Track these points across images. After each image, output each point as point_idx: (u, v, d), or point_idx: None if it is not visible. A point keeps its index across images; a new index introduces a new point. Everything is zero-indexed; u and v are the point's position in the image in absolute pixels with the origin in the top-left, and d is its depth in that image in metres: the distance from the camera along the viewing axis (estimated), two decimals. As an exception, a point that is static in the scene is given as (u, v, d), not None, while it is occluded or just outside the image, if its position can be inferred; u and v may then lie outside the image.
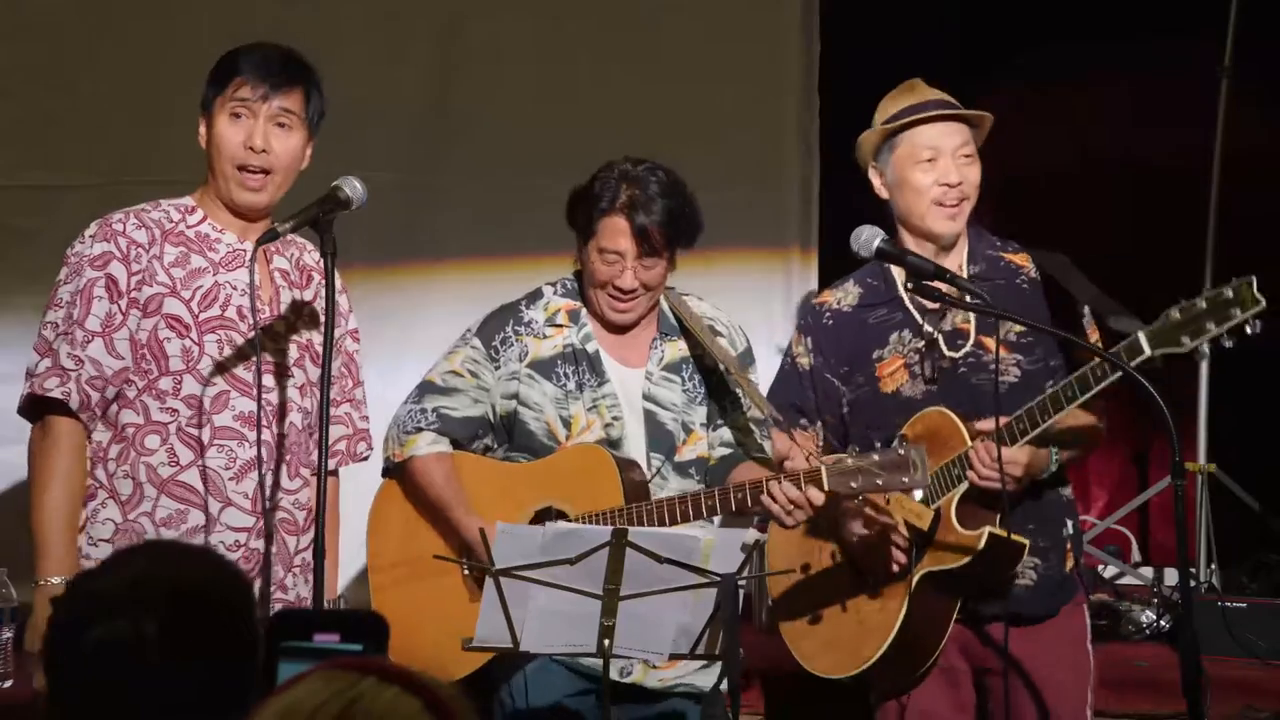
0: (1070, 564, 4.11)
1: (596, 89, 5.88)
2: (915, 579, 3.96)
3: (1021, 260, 4.14)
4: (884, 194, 4.12)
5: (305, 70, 3.78)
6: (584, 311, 4.16)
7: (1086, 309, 4.05)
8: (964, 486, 3.91)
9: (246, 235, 3.75)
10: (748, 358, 4.22)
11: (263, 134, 3.68)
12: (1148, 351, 3.72)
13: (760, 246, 6.07)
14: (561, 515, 4.01)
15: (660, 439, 4.11)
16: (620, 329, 4.15)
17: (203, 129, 3.75)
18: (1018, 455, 3.89)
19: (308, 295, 3.84)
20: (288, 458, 3.73)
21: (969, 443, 3.91)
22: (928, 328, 4.06)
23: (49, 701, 2.13)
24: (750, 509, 3.90)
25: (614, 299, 4.08)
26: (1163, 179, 6.57)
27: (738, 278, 5.86)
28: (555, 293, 4.20)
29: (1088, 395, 3.79)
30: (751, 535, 3.54)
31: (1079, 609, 4.12)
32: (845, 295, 4.18)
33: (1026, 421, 3.84)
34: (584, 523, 3.96)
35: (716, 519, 4.18)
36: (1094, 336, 4.00)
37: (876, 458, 3.75)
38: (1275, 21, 6.17)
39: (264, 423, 3.67)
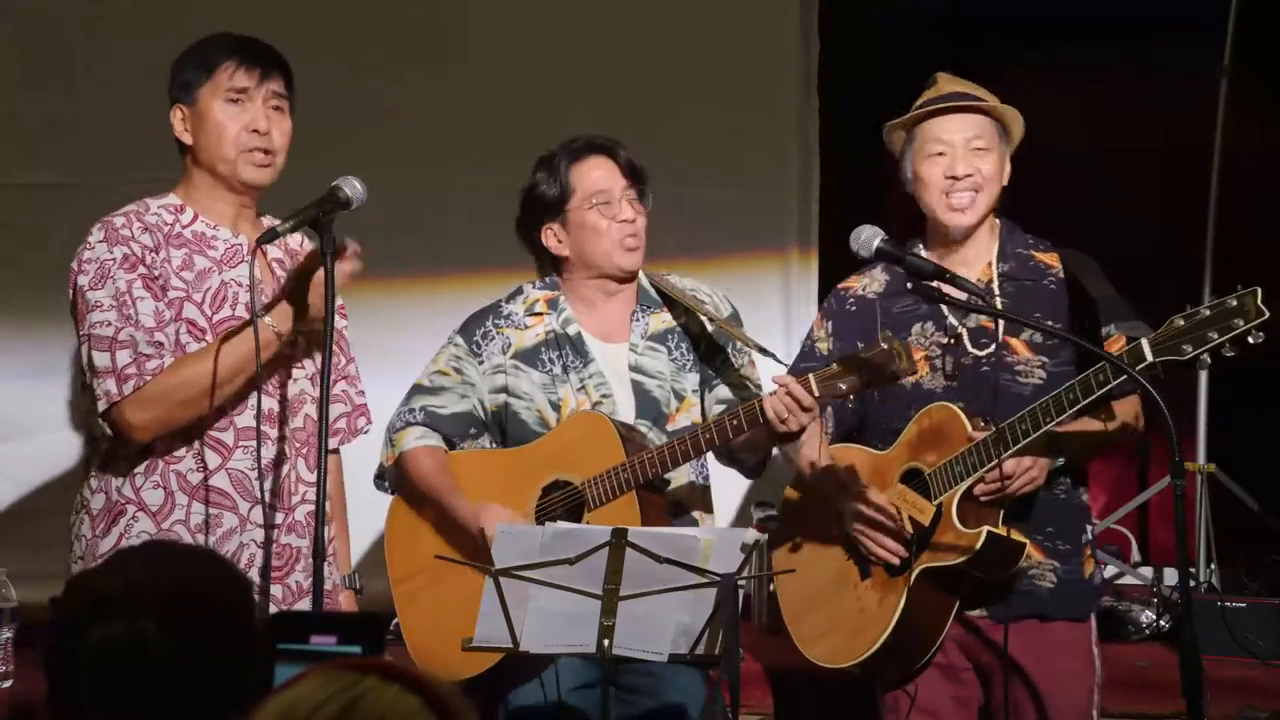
0: (1091, 568, 4.11)
1: (595, 90, 5.88)
2: (914, 575, 3.97)
3: (1051, 260, 4.12)
4: (910, 189, 4.11)
5: (281, 56, 3.77)
6: (563, 298, 4.20)
7: (1113, 325, 4.03)
8: (966, 484, 3.91)
9: (239, 229, 3.72)
10: (736, 320, 4.23)
11: (264, 117, 3.67)
12: (1149, 358, 3.72)
13: (759, 247, 6.07)
14: (568, 485, 4.03)
15: (647, 406, 4.13)
16: (631, 273, 4.16)
17: (180, 120, 3.70)
18: (1025, 462, 3.88)
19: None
20: (305, 450, 3.72)
21: (972, 440, 3.90)
22: (952, 321, 4.05)
23: (49, 701, 2.13)
24: (747, 431, 3.89)
25: (624, 237, 4.12)
26: (1162, 178, 6.57)
27: (736, 278, 5.85)
28: (535, 287, 4.26)
29: (1089, 400, 3.78)
30: (751, 535, 3.54)
31: (1090, 617, 4.12)
32: (871, 282, 4.15)
33: (1029, 423, 3.83)
34: (589, 485, 4.00)
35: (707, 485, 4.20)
36: (1118, 346, 3.98)
37: (860, 356, 3.76)
38: (1275, 21, 6.17)
39: (283, 418, 3.68)
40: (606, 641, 3.50)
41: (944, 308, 4.04)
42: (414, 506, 4.20)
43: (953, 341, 4.04)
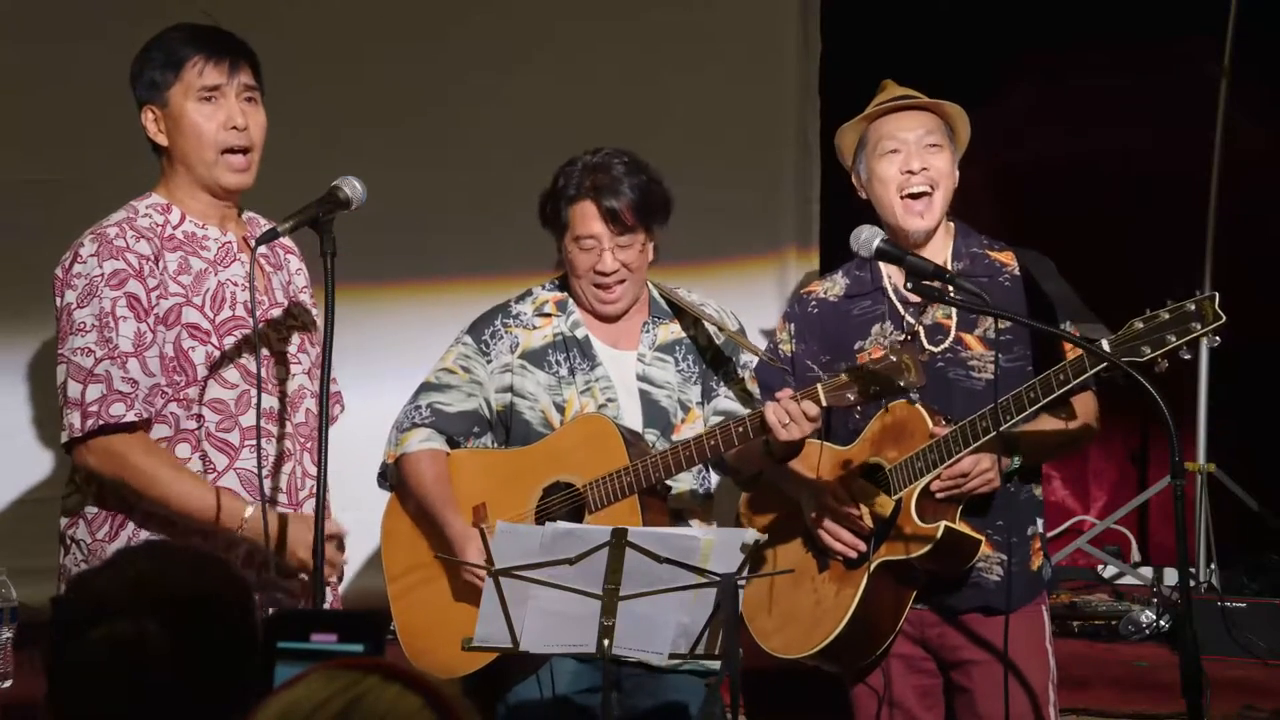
0: (1039, 562, 4.16)
1: (594, 90, 5.87)
2: (872, 567, 4.02)
3: (1005, 258, 4.21)
4: (864, 195, 4.19)
5: (246, 44, 3.72)
6: (571, 300, 4.21)
7: (1068, 324, 4.09)
8: (925, 480, 3.96)
9: (226, 226, 3.71)
10: (742, 334, 4.27)
11: (240, 112, 3.64)
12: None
13: (757, 248, 6.06)
14: (569, 487, 4.03)
15: (656, 416, 4.14)
16: (611, 319, 4.17)
17: (153, 122, 3.65)
18: (983, 462, 3.94)
19: (285, 275, 3.82)
20: (309, 444, 3.72)
21: (934, 436, 3.96)
22: (909, 320, 4.12)
23: (49, 701, 2.13)
24: (752, 438, 3.89)
25: (599, 288, 4.13)
26: (1162, 179, 6.57)
27: (734, 278, 5.85)
28: (545, 289, 4.27)
29: (1048, 399, 3.84)
30: (751, 535, 3.55)
31: (1040, 609, 4.17)
32: (833, 286, 4.25)
33: (989, 420, 3.87)
34: (591, 487, 4.00)
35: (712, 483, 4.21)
36: (1071, 355, 4.02)
37: (868, 366, 3.78)
38: (1275, 22, 6.17)
39: (284, 415, 3.68)
40: (606, 641, 3.50)
41: (900, 307, 4.14)
42: (410, 506, 4.20)
43: (910, 339, 4.11)
